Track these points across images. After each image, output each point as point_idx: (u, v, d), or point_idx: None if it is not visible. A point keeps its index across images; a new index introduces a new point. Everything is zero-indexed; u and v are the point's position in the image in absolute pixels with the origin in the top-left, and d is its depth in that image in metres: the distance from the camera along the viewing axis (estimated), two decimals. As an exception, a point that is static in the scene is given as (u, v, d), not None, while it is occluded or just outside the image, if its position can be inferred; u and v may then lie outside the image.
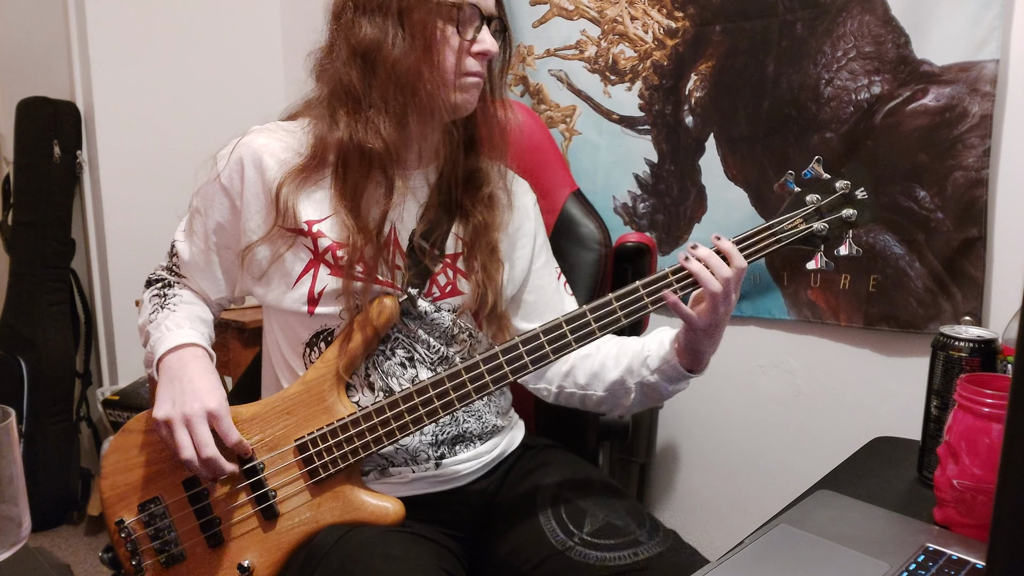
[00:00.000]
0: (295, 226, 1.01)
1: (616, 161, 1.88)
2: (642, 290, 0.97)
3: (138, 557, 1.01)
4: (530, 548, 1.03)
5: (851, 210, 0.99)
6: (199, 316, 1.10)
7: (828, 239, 0.99)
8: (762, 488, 1.79)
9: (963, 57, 1.40)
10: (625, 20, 1.82)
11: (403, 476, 1.05)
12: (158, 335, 1.04)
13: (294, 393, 1.03)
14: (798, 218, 0.99)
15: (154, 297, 1.11)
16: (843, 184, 0.99)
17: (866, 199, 0.99)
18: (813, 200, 0.99)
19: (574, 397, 1.13)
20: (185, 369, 1.00)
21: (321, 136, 1.01)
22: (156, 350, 1.03)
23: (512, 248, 1.14)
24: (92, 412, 2.50)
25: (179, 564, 1.01)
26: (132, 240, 2.39)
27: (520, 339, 0.98)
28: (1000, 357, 0.97)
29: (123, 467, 1.03)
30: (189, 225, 1.11)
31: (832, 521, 0.87)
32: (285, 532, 1.00)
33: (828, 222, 0.99)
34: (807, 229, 0.99)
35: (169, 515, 1.01)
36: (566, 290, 1.20)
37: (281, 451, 1.01)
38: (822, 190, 0.99)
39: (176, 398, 0.97)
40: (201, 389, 0.98)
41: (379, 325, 1.01)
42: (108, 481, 1.03)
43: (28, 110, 2.33)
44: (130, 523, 1.01)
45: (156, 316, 1.07)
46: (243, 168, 1.03)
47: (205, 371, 1.01)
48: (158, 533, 1.01)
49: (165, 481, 1.02)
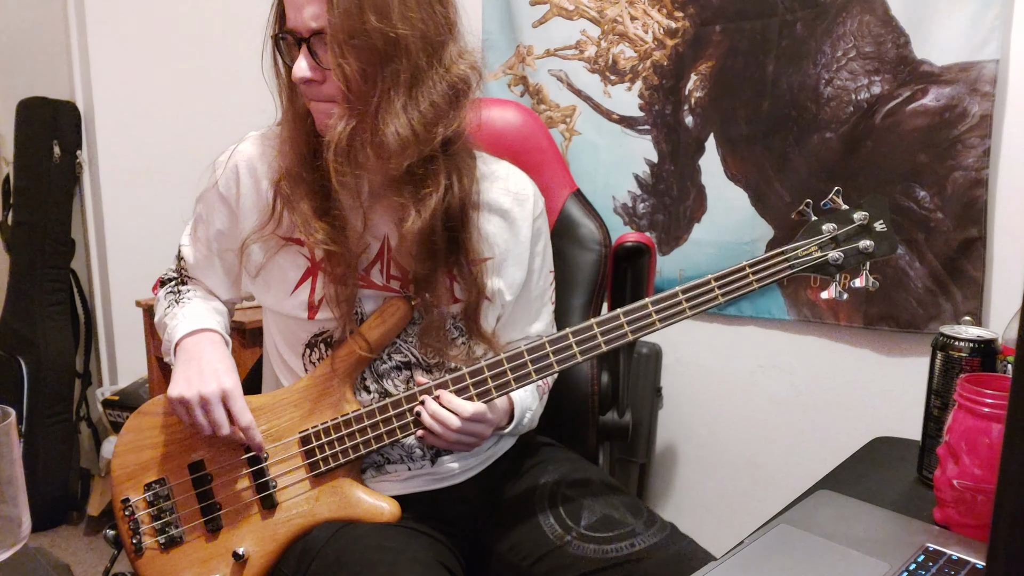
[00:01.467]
0: (291, 235, 1.02)
1: (616, 161, 1.88)
2: (651, 307, 0.96)
3: (139, 536, 1.03)
4: (529, 544, 1.03)
5: (868, 241, 0.98)
6: (214, 308, 1.12)
7: (843, 268, 0.99)
8: (762, 488, 1.79)
9: (963, 57, 1.41)
10: (625, 20, 1.82)
11: (399, 473, 1.05)
12: (175, 323, 1.06)
13: (303, 386, 1.05)
14: (813, 246, 0.99)
15: (168, 294, 1.14)
16: (861, 215, 0.98)
17: (884, 231, 0.98)
18: (830, 229, 0.99)
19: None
20: (202, 351, 1.02)
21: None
22: (174, 336, 1.05)
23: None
24: (92, 412, 2.50)
25: (177, 547, 1.03)
26: (132, 240, 2.39)
27: (526, 347, 0.98)
28: (1000, 357, 0.97)
29: (134, 447, 1.05)
30: (194, 231, 1.13)
31: (832, 521, 0.87)
32: (282, 523, 1.01)
33: (844, 251, 0.98)
34: (822, 257, 0.98)
35: (172, 497, 1.03)
36: (549, 303, 1.19)
37: (285, 442, 1.03)
38: (839, 220, 0.99)
39: (192, 378, 0.99)
40: (218, 370, 1.00)
41: (394, 325, 1.02)
42: (119, 460, 1.05)
43: (28, 110, 2.33)
44: (135, 502, 1.04)
45: (172, 309, 1.10)
46: (239, 176, 1.04)
47: (222, 355, 1.03)
48: (160, 514, 1.03)
49: (172, 464, 1.04)
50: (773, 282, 0.98)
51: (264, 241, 1.03)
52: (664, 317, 0.96)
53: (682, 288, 0.96)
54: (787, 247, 0.99)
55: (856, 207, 0.99)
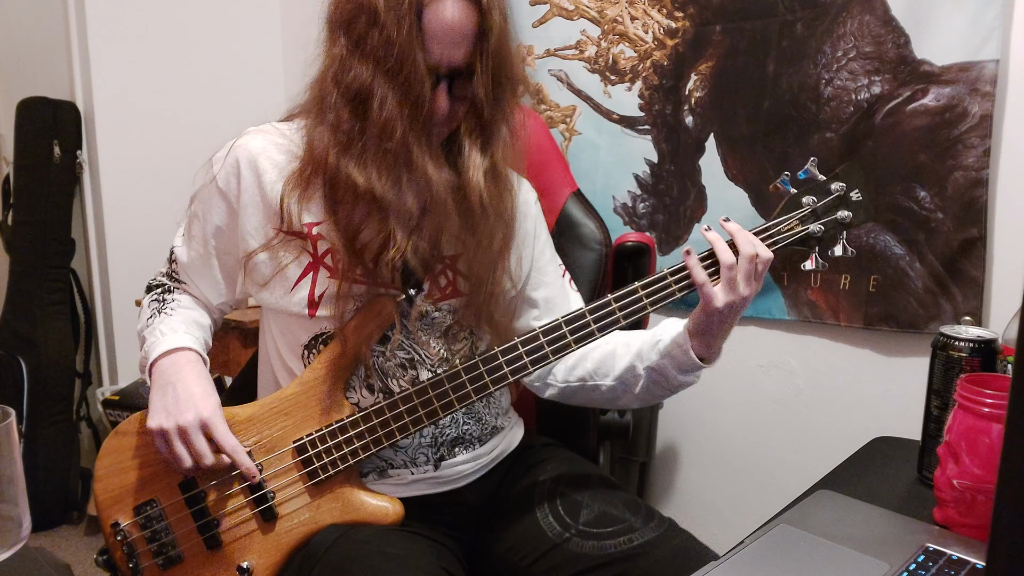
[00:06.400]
0: (295, 229, 1.01)
1: (616, 161, 1.88)
2: (641, 291, 0.97)
3: (135, 559, 1.00)
4: (528, 544, 1.03)
5: (846, 212, 0.99)
6: (196, 321, 1.09)
7: (823, 240, 1.00)
8: (762, 488, 1.79)
9: (963, 57, 1.41)
10: (625, 20, 1.82)
11: (402, 478, 1.05)
12: (152, 340, 1.04)
13: (291, 394, 1.02)
14: (795, 220, 1.00)
15: (152, 302, 1.11)
16: (838, 186, 0.99)
17: (860, 200, 1.00)
18: (809, 202, 0.99)
19: (580, 392, 1.12)
20: (179, 374, 1.00)
21: (310, 141, 1.00)
22: (149, 355, 1.03)
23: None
24: (92, 412, 2.50)
25: (177, 565, 1.00)
26: (132, 240, 2.39)
27: (520, 339, 0.98)
28: (1000, 357, 0.97)
29: (117, 470, 1.02)
30: (188, 230, 1.10)
31: (832, 521, 0.87)
32: (284, 533, 0.99)
33: (824, 224, 0.99)
34: (803, 231, 0.99)
35: (166, 517, 1.00)
36: (571, 287, 1.20)
37: (279, 452, 1.01)
38: (817, 192, 1.00)
39: (169, 407, 0.96)
40: (195, 395, 0.97)
41: (376, 326, 1.01)
42: (102, 484, 1.02)
43: (28, 110, 2.33)
44: (126, 526, 1.00)
45: (153, 321, 1.07)
46: (239, 171, 1.03)
47: (198, 376, 1.00)
48: (155, 536, 1.00)
49: (161, 483, 1.01)
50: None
51: (272, 248, 1.02)
52: (652, 299, 0.98)
53: (670, 270, 0.98)
54: (770, 223, 1.00)
55: (833, 177, 1.00)
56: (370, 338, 1.02)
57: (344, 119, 0.95)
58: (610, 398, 1.10)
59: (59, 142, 2.31)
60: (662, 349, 1.02)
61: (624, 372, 1.06)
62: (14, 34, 2.56)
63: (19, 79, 2.54)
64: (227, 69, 2.52)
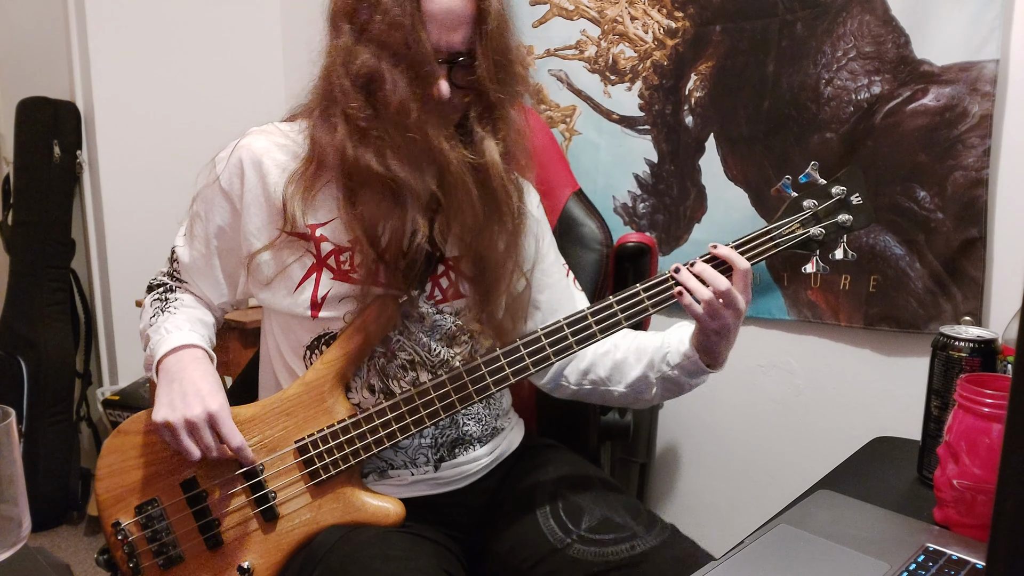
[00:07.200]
0: (299, 231, 1.01)
1: (616, 161, 1.88)
2: (643, 293, 0.98)
3: (135, 559, 1.00)
4: (529, 547, 1.03)
5: (847, 215, 1.00)
6: (200, 319, 1.09)
7: (824, 243, 1.00)
8: (762, 488, 1.79)
9: (963, 57, 1.40)
10: (625, 20, 1.82)
11: (402, 479, 1.05)
12: (157, 338, 1.04)
13: (293, 394, 1.02)
14: (796, 223, 1.00)
15: (155, 301, 1.10)
16: (839, 190, 1.00)
17: (861, 204, 1.00)
18: (810, 206, 1.00)
19: (594, 393, 1.14)
20: (185, 371, 1.00)
21: (318, 139, 1.00)
22: (155, 352, 1.02)
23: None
24: (92, 412, 2.50)
25: (178, 565, 1.00)
26: (132, 240, 2.39)
27: (521, 341, 0.98)
28: (1000, 357, 0.97)
29: (118, 469, 1.02)
30: (189, 229, 1.10)
31: (832, 521, 0.87)
32: (285, 533, 1.00)
33: (824, 227, 1.00)
34: (804, 234, 0.99)
35: (167, 517, 1.00)
36: (576, 287, 1.20)
37: (281, 453, 1.01)
38: (818, 195, 1.00)
39: (176, 401, 0.96)
40: (202, 391, 0.97)
41: (378, 327, 1.01)
42: (104, 483, 1.02)
43: (28, 110, 2.33)
44: (127, 525, 1.00)
45: (156, 320, 1.07)
46: (243, 170, 1.03)
47: (205, 372, 1.01)
48: (156, 535, 1.00)
49: (162, 483, 1.01)
50: (760, 261, 0.99)
51: (275, 248, 1.02)
52: (654, 300, 0.99)
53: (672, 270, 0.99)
54: (771, 226, 1.00)
55: (834, 181, 1.00)
56: (372, 339, 1.02)
57: (357, 108, 0.95)
58: (624, 402, 1.13)
59: (59, 142, 2.31)
60: (672, 362, 1.05)
61: (636, 381, 1.09)
62: (14, 34, 2.56)
63: (19, 79, 2.54)
64: (227, 69, 2.52)
